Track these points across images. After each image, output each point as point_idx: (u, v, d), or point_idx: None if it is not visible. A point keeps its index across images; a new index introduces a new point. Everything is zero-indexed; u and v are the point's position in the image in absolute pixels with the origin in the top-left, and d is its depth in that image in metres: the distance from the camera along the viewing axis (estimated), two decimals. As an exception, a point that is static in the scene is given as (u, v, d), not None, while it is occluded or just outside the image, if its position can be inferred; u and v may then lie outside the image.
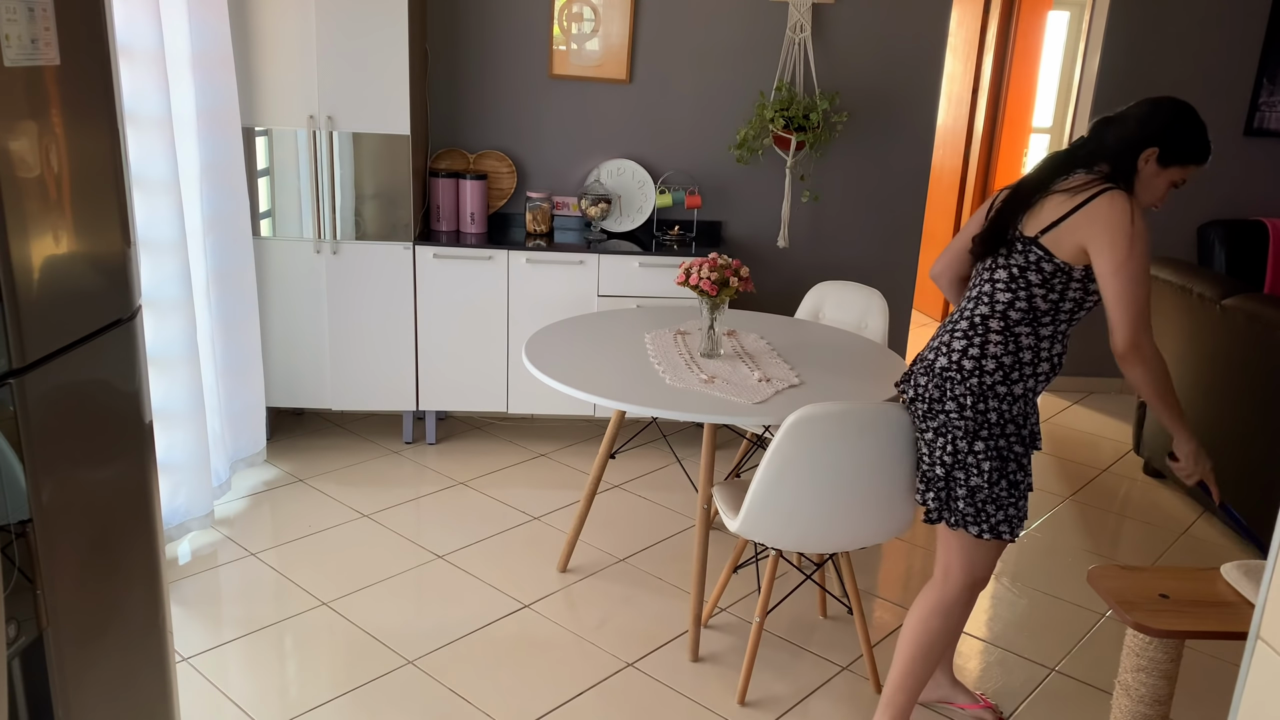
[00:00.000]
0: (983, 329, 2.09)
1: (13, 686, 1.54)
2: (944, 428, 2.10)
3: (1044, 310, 2.07)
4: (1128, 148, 2.05)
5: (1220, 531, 3.69)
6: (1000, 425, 2.07)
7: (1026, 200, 2.08)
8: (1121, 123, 2.07)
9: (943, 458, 2.11)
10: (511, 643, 2.76)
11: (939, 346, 2.16)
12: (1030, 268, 2.04)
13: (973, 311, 2.13)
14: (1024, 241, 2.05)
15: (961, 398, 2.07)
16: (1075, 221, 1.99)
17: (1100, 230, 1.96)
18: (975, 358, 2.08)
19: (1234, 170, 4.91)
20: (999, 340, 2.07)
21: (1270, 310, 3.22)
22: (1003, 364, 2.07)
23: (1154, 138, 2.03)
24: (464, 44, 4.16)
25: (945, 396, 2.09)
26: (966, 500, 2.11)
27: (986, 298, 2.11)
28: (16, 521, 1.50)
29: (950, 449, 2.10)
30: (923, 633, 2.23)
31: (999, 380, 2.07)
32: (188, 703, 2.45)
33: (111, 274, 1.72)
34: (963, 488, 2.10)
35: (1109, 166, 2.06)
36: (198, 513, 3.22)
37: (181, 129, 3.15)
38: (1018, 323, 2.07)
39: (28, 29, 1.43)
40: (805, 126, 4.09)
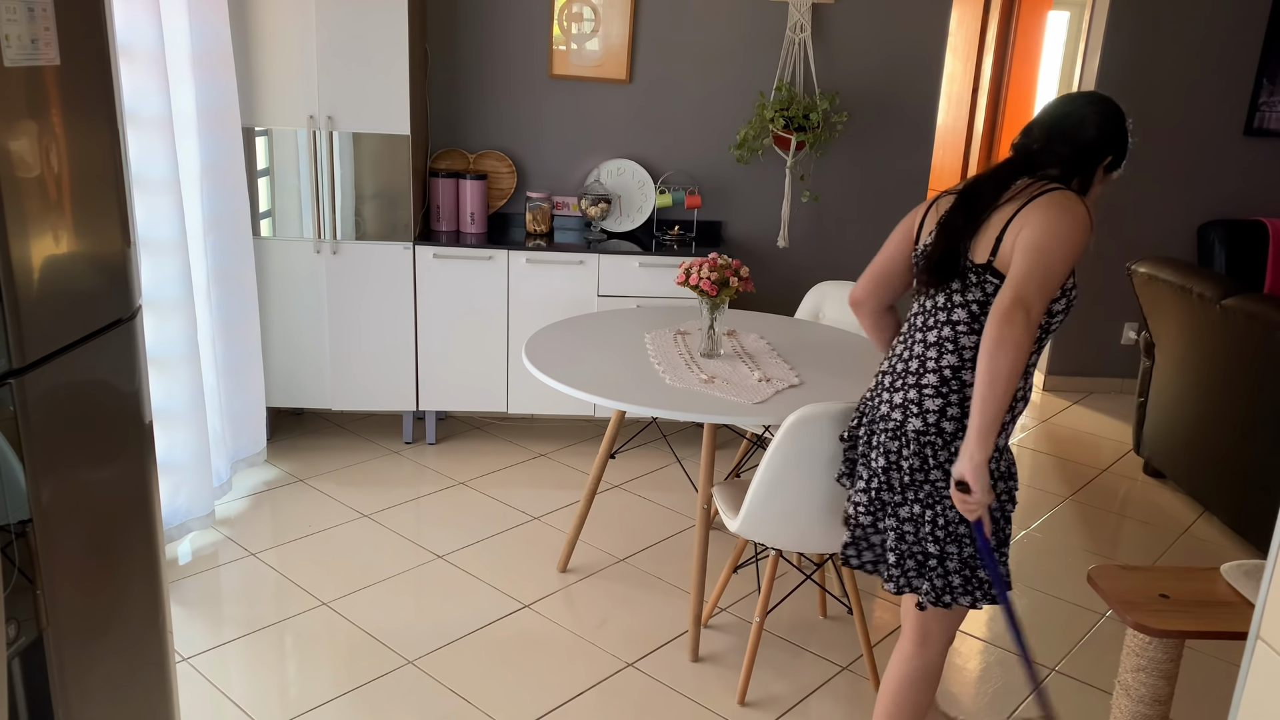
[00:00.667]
0: (956, 383, 1.83)
1: (13, 686, 1.54)
2: (931, 499, 1.85)
3: None
4: (1090, 156, 1.86)
5: (1220, 531, 3.69)
6: (993, 485, 1.85)
7: (976, 218, 1.82)
8: (1077, 129, 1.86)
9: (934, 533, 1.86)
10: (511, 643, 2.76)
11: (905, 405, 1.88)
12: (989, 302, 1.79)
13: (938, 362, 1.85)
14: (977, 272, 1.80)
15: (949, 464, 1.82)
16: (1015, 226, 1.76)
17: (1040, 214, 1.74)
18: (956, 418, 1.82)
19: (1234, 170, 4.91)
20: None
21: (1270, 310, 3.21)
22: None
23: (1111, 144, 1.87)
24: (464, 44, 4.16)
25: (929, 465, 1.84)
26: (959, 572, 1.88)
27: (950, 344, 1.84)
28: (16, 521, 1.50)
29: (941, 521, 1.85)
30: (910, 705, 2.03)
31: None
32: (188, 703, 2.45)
33: (111, 274, 1.72)
34: (955, 560, 1.86)
35: (1059, 174, 1.86)
36: (198, 513, 3.22)
37: (182, 129, 3.15)
38: None
39: (28, 29, 1.43)
40: (805, 126, 4.09)
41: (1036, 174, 1.85)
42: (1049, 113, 1.91)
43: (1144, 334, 4.08)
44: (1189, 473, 3.78)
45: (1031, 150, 1.88)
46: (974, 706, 2.61)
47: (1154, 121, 4.82)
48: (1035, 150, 1.87)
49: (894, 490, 1.89)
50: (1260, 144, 4.88)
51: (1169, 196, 4.94)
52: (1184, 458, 3.80)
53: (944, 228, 1.85)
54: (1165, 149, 4.86)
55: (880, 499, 1.92)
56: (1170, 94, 4.79)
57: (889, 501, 1.91)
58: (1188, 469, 3.78)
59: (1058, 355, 5.15)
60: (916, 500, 1.86)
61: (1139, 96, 4.78)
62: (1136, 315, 5.06)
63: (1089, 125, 1.85)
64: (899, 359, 1.93)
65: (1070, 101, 1.89)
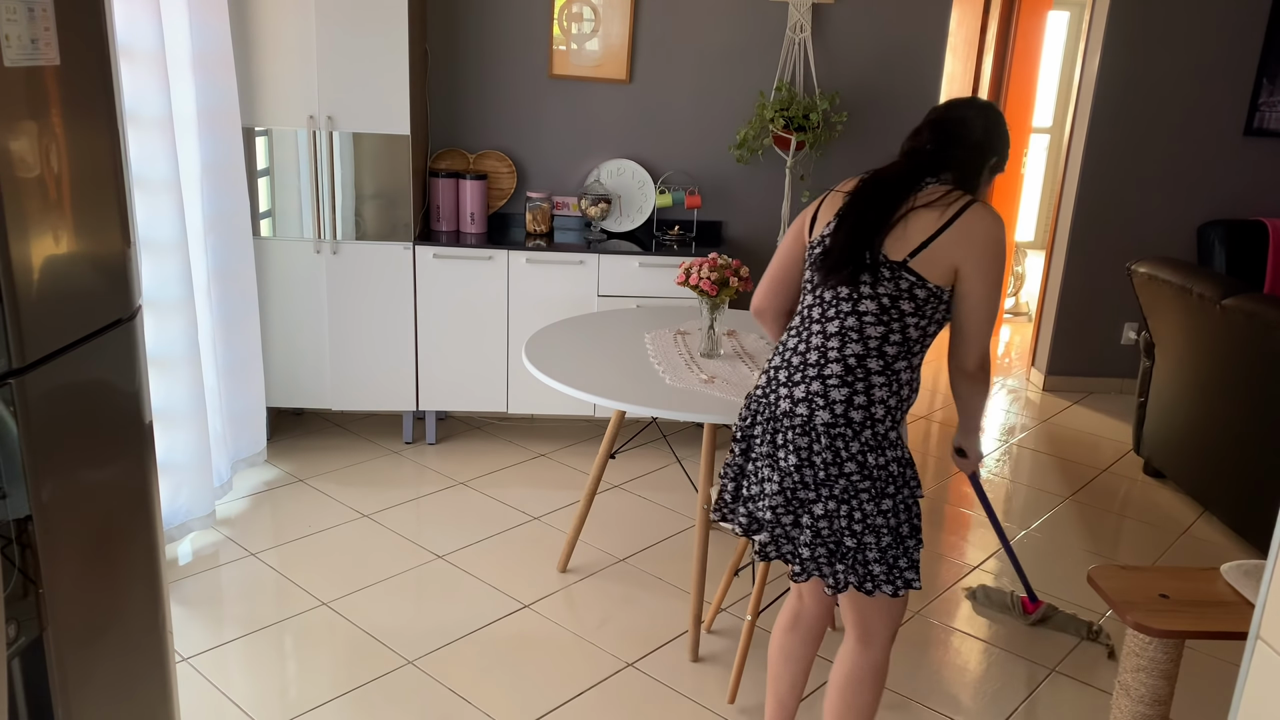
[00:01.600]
0: (862, 371, 1.85)
1: (13, 686, 1.54)
2: (846, 494, 1.85)
3: (915, 339, 1.87)
4: (978, 158, 1.94)
5: (1220, 531, 3.69)
6: (902, 474, 1.88)
7: (885, 216, 1.86)
8: (964, 131, 1.93)
9: (851, 526, 1.86)
10: (511, 643, 2.76)
11: (809, 398, 1.86)
12: (902, 296, 1.83)
13: (841, 351, 1.86)
14: (892, 267, 1.83)
15: (860, 455, 1.84)
16: (948, 240, 1.82)
17: (980, 252, 1.82)
18: (863, 406, 1.84)
19: (1234, 170, 4.91)
20: (882, 381, 1.85)
21: (1270, 310, 3.21)
22: (889, 406, 1.86)
23: (996, 145, 1.96)
24: (464, 44, 4.16)
25: (842, 459, 1.84)
26: (879, 562, 1.89)
27: (854, 333, 1.86)
28: (16, 520, 1.50)
29: (859, 514, 1.86)
30: (859, 705, 2.03)
31: (890, 426, 1.86)
32: (188, 703, 2.45)
33: (111, 274, 1.72)
34: (874, 550, 1.88)
35: (954, 176, 1.93)
36: (199, 513, 3.22)
37: (182, 129, 3.16)
38: (895, 358, 1.86)
39: (28, 29, 1.43)
40: (805, 126, 4.09)
41: (937, 175, 1.92)
42: (935, 117, 1.97)
43: (1144, 334, 4.08)
44: (1189, 473, 3.78)
45: (926, 151, 1.93)
46: (974, 706, 2.61)
47: (1154, 121, 4.82)
48: (930, 151, 1.92)
49: (808, 487, 1.86)
50: (1260, 144, 4.88)
51: (1169, 196, 4.94)
52: (1184, 458, 3.80)
53: (851, 223, 1.88)
54: (1165, 149, 4.86)
55: (797, 497, 1.88)
56: (1170, 94, 4.79)
57: (805, 499, 1.88)
58: (1188, 469, 3.78)
59: (1058, 355, 5.15)
60: (831, 496, 1.85)
61: (1139, 96, 4.78)
62: (1136, 315, 5.06)
63: (974, 128, 1.93)
64: (793, 352, 1.93)
65: (952, 107, 1.96)
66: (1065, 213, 5.02)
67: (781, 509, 1.90)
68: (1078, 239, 4.98)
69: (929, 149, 1.92)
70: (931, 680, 2.71)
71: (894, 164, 1.95)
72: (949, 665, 2.79)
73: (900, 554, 1.90)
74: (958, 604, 3.10)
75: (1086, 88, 4.85)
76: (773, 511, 1.90)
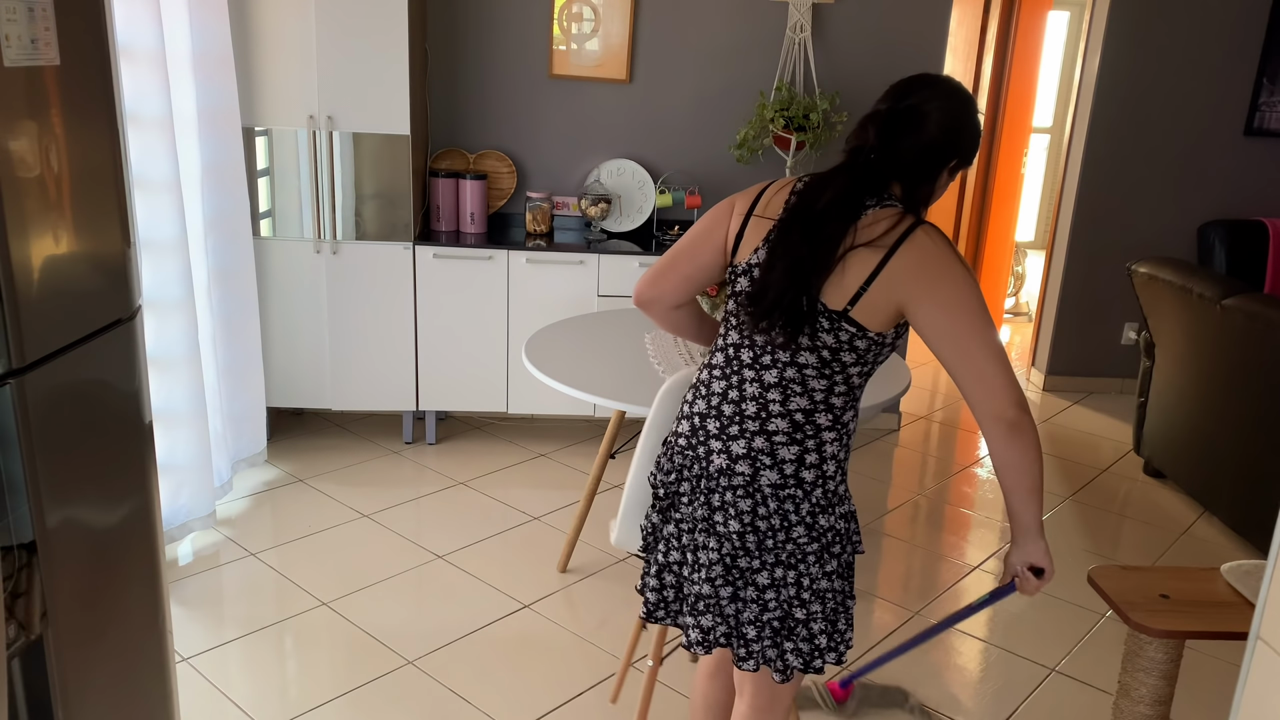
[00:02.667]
0: (811, 428, 1.63)
1: (13, 686, 1.54)
2: (793, 558, 1.64)
3: (858, 385, 1.66)
4: (934, 160, 1.63)
5: (1220, 531, 3.69)
6: (847, 529, 1.69)
7: (827, 258, 1.57)
8: (920, 128, 1.61)
9: (799, 595, 1.65)
10: (511, 643, 2.76)
11: (752, 455, 1.64)
12: (843, 348, 1.60)
13: (784, 405, 1.63)
14: (831, 317, 1.58)
15: (810, 517, 1.64)
16: (885, 280, 1.56)
17: (926, 285, 1.55)
18: (815, 465, 1.63)
19: (1234, 170, 4.91)
20: (833, 436, 1.65)
21: (1270, 310, 3.21)
22: (839, 460, 1.67)
23: (958, 145, 1.64)
24: (464, 44, 4.16)
25: (790, 523, 1.63)
26: (824, 633, 1.68)
27: (798, 386, 1.62)
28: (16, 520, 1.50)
29: (806, 581, 1.65)
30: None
31: (840, 479, 1.67)
32: (188, 703, 2.45)
33: (111, 274, 1.72)
34: (820, 621, 1.67)
35: (902, 186, 1.63)
36: (200, 513, 3.22)
37: (182, 129, 3.16)
38: (843, 410, 1.65)
39: (28, 29, 1.43)
40: (805, 126, 4.09)
41: (880, 193, 1.62)
42: (886, 106, 1.65)
43: (1144, 334, 4.08)
44: (1189, 473, 3.78)
45: (870, 157, 1.62)
46: (974, 706, 2.61)
47: (1154, 121, 4.82)
48: (875, 156, 1.62)
49: (750, 555, 1.65)
50: (1260, 144, 4.88)
51: (1169, 196, 4.94)
52: (1184, 458, 3.80)
53: (786, 264, 1.60)
54: (1165, 149, 4.86)
55: (738, 565, 1.66)
56: (1170, 94, 4.79)
57: (746, 568, 1.66)
58: (1188, 469, 3.78)
59: (1058, 355, 5.15)
60: (779, 563, 1.64)
61: (1139, 96, 4.78)
62: (1136, 315, 5.06)
63: (930, 124, 1.60)
64: (722, 399, 1.68)
65: (908, 91, 1.64)
66: (1065, 213, 5.02)
67: (720, 580, 1.67)
68: (1078, 239, 4.98)
69: (872, 155, 1.62)
70: (931, 680, 2.71)
71: (833, 177, 1.64)
72: (949, 665, 2.79)
73: (840, 614, 1.71)
74: (957, 604, 3.10)
75: (1086, 88, 4.85)
76: (710, 584, 1.68)
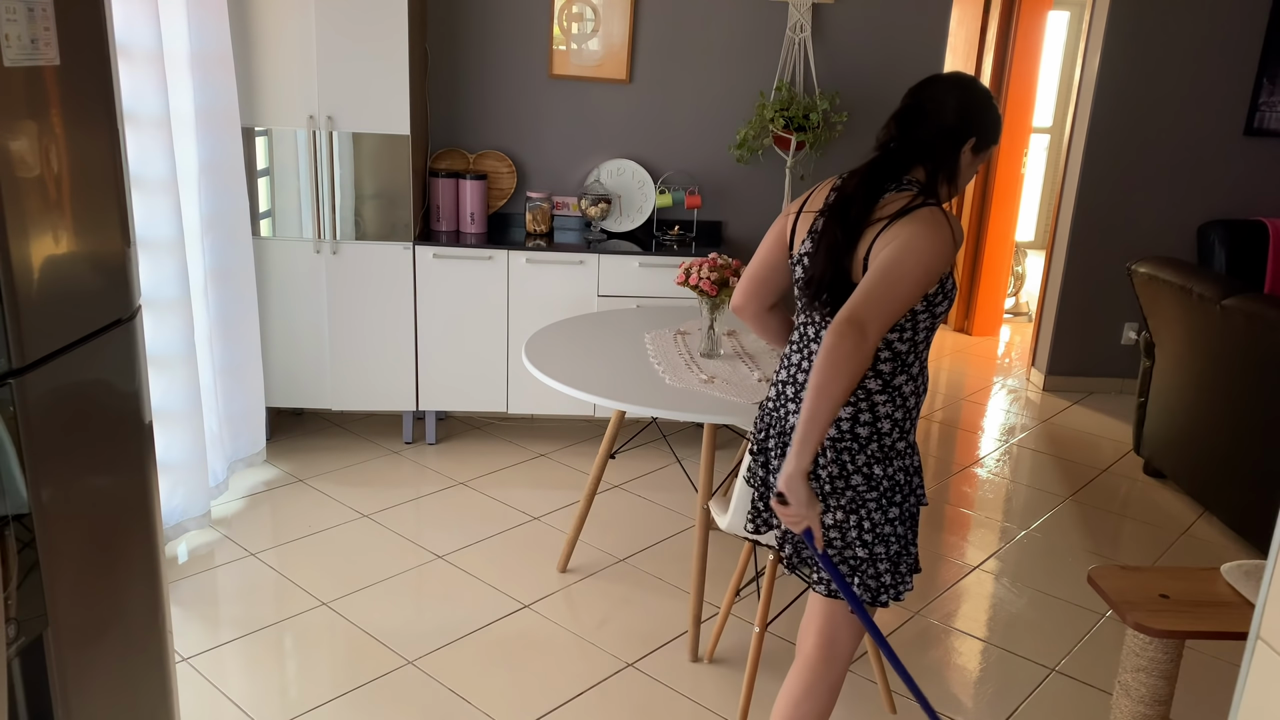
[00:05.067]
0: (863, 391, 1.82)
1: (13, 686, 1.54)
2: (854, 504, 1.85)
3: (904, 352, 1.82)
4: (951, 143, 1.82)
5: (1220, 531, 3.69)
6: (909, 483, 1.89)
7: (854, 236, 1.79)
8: (935, 115, 1.81)
9: (860, 536, 1.86)
10: (511, 643, 2.76)
11: None
12: None
13: None
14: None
15: (866, 468, 1.84)
16: (882, 239, 1.75)
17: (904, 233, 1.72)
18: (869, 423, 1.83)
19: (1234, 170, 4.91)
20: (884, 399, 1.83)
21: (1270, 310, 3.21)
22: (895, 419, 1.84)
23: (973, 125, 1.82)
24: (464, 44, 4.16)
25: (848, 471, 1.84)
26: (891, 571, 1.89)
27: None
28: (17, 520, 1.50)
29: (868, 524, 1.85)
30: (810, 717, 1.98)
31: (897, 437, 1.85)
32: (188, 703, 2.45)
33: (111, 274, 1.72)
34: (885, 561, 1.88)
35: (926, 170, 1.83)
36: (194, 513, 3.22)
37: (181, 129, 3.15)
38: (893, 375, 1.83)
39: (28, 29, 1.43)
40: (805, 126, 4.09)
41: (902, 179, 1.82)
42: (905, 103, 1.86)
43: (1144, 334, 4.08)
44: (1189, 473, 3.78)
45: (890, 147, 1.84)
46: (974, 706, 2.61)
47: (1154, 121, 4.82)
48: (896, 145, 1.84)
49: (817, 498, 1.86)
50: (1260, 144, 4.88)
51: (1169, 196, 4.94)
52: (1184, 458, 3.80)
53: (825, 248, 1.81)
54: (1165, 149, 4.86)
55: None
56: (1170, 94, 4.79)
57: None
58: (1188, 469, 3.78)
59: (1058, 355, 5.15)
60: (839, 507, 1.85)
61: (1139, 96, 4.78)
62: (1136, 315, 5.06)
63: (945, 111, 1.81)
64: (797, 369, 1.90)
65: (924, 87, 1.84)
66: (1065, 213, 5.02)
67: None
68: (1078, 239, 4.98)
69: (893, 145, 1.84)
70: (931, 680, 2.71)
71: (863, 167, 1.87)
72: (949, 665, 2.79)
73: (903, 558, 1.90)
74: (958, 604, 3.10)
75: (1086, 88, 4.84)
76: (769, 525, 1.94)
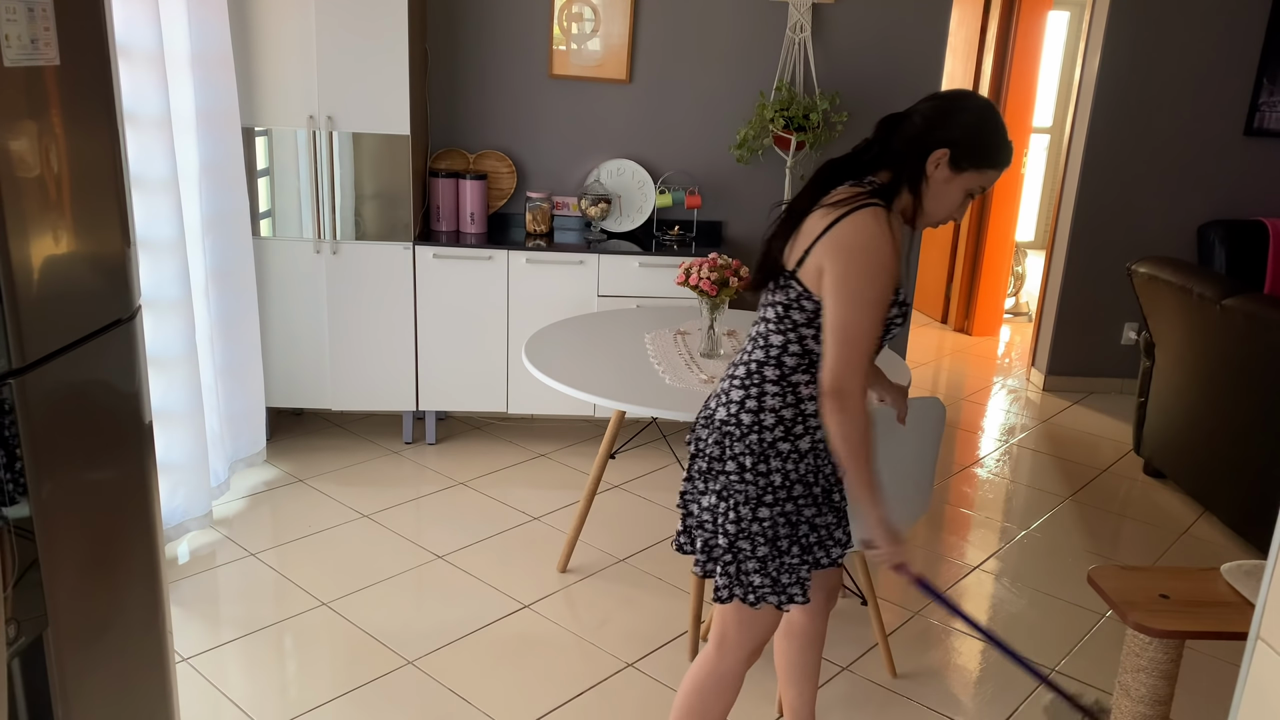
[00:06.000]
0: (759, 377, 1.80)
1: (13, 686, 1.54)
2: (726, 491, 1.81)
3: (817, 353, 1.77)
4: (915, 150, 1.74)
5: (1220, 531, 3.69)
6: (786, 488, 1.80)
7: (795, 222, 1.77)
8: (908, 120, 1.77)
9: (725, 525, 1.81)
10: (511, 643, 2.76)
11: (720, 394, 1.86)
12: (793, 306, 1.76)
13: (749, 356, 1.84)
14: (785, 275, 1.77)
15: (741, 457, 1.79)
16: (820, 246, 1.70)
17: (836, 248, 1.68)
18: (753, 411, 1.79)
19: (1234, 170, 4.91)
20: (776, 391, 1.78)
21: (1270, 310, 3.21)
22: (783, 418, 1.78)
23: (945, 138, 1.72)
24: (464, 44, 4.16)
25: (725, 456, 1.81)
26: (759, 573, 1.82)
27: (761, 340, 1.82)
28: (16, 520, 1.50)
29: (734, 515, 1.80)
30: (697, 713, 1.97)
31: (780, 437, 1.78)
32: (188, 703, 2.45)
33: (111, 274, 1.72)
34: (751, 560, 1.82)
35: (891, 173, 1.77)
36: (196, 513, 3.22)
37: (181, 129, 3.15)
38: (794, 370, 1.78)
39: (28, 29, 1.43)
40: (805, 126, 4.09)
41: (864, 178, 1.78)
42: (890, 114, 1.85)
43: (1144, 334, 4.08)
44: (1189, 473, 3.78)
45: (864, 148, 1.81)
46: (974, 706, 2.61)
47: (1154, 121, 4.82)
48: (871, 147, 1.81)
49: (692, 479, 1.91)
50: (1260, 144, 4.88)
51: (1169, 196, 4.94)
52: (1184, 458, 3.80)
53: (772, 233, 1.83)
54: (1165, 149, 4.86)
55: (694, 486, 1.91)
56: (1170, 94, 4.79)
57: (691, 490, 1.92)
58: (1188, 469, 3.78)
59: (1058, 355, 5.15)
60: (713, 491, 1.84)
61: (1139, 96, 4.78)
62: (1136, 315, 5.06)
63: (918, 116, 1.76)
64: (734, 358, 1.93)
65: (927, 97, 1.80)
66: (1065, 213, 5.02)
67: (689, 494, 1.94)
68: (1078, 239, 4.98)
69: (870, 145, 1.81)
70: (931, 680, 2.71)
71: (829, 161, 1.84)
72: (949, 665, 2.79)
73: (782, 569, 1.84)
74: (958, 604, 3.10)
75: (1086, 88, 4.84)
76: (680, 496, 1.96)
